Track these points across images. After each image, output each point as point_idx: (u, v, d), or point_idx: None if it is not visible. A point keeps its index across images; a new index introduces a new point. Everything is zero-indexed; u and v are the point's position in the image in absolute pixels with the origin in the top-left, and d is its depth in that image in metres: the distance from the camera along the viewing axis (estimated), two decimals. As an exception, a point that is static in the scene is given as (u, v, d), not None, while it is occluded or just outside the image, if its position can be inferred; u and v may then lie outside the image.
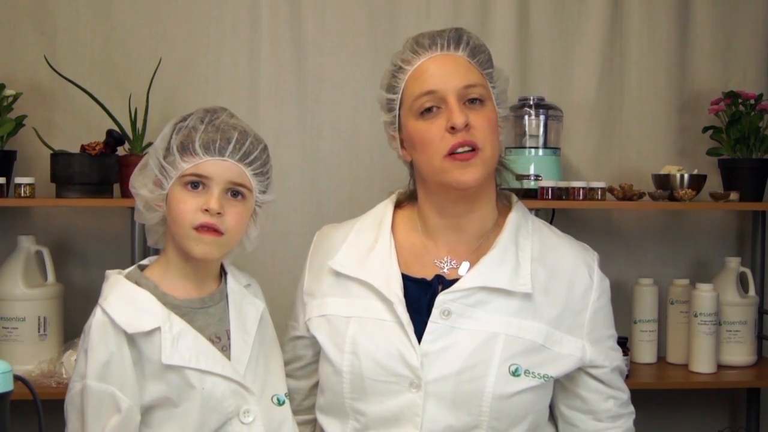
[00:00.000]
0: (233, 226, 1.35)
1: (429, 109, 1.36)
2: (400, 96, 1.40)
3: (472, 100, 1.36)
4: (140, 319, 1.31)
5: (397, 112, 1.41)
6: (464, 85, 1.35)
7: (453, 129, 1.32)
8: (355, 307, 1.40)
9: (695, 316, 2.17)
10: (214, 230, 1.33)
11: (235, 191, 1.36)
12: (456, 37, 1.39)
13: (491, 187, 1.44)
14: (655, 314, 2.27)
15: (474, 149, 1.33)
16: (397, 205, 1.51)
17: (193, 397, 1.32)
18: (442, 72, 1.36)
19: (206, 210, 1.32)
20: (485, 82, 1.39)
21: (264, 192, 1.41)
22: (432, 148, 1.35)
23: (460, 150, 1.33)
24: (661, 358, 2.29)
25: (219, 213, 1.32)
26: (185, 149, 1.33)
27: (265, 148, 1.40)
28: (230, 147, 1.34)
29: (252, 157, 1.36)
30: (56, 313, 2.07)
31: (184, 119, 1.37)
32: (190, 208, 1.32)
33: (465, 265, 1.41)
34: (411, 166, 1.46)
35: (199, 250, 1.33)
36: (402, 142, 1.43)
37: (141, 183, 1.38)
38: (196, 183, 1.33)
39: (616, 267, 2.34)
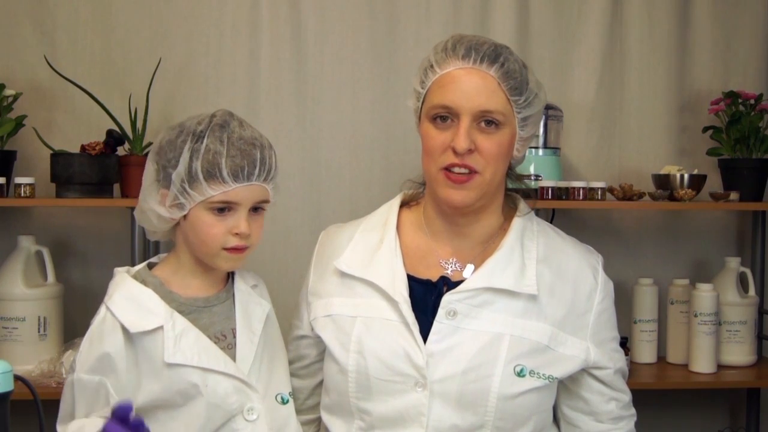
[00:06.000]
0: (257, 238, 1.39)
1: (443, 118, 1.35)
2: (424, 93, 1.39)
3: (488, 122, 1.33)
4: (143, 319, 1.32)
5: (420, 104, 1.41)
6: (482, 109, 1.32)
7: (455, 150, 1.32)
8: (360, 306, 1.40)
9: (695, 316, 2.17)
10: (243, 248, 1.37)
11: (256, 207, 1.38)
12: (492, 56, 1.34)
13: (496, 199, 1.44)
14: (655, 314, 2.26)
15: (471, 172, 1.33)
16: (403, 205, 1.51)
17: (196, 395, 1.32)
18: (466, 89, 1.33)
19: (236, 233, 1.34)
20: (507, 109, 1.35)
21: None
22: (432, 157, 1.35)
23: (456, 170, 1.33)
24: (661, 358, 2.29)
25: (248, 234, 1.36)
26: (212, 176, 1.32)
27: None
28: (257, 171, 1.35)
29: (273, 171, 1.38)
30: (56, 313, 2.07)
31: (199, 139, 1.33)
32: (220, 231, 1.34)
33: (470, 267, 1.41)
34: None
35: (228, 266, 1.39)
36: None
37: (155, 200, 1.37)
38: (222, 207, 1.34)
39: (616, 267, 2.33)
